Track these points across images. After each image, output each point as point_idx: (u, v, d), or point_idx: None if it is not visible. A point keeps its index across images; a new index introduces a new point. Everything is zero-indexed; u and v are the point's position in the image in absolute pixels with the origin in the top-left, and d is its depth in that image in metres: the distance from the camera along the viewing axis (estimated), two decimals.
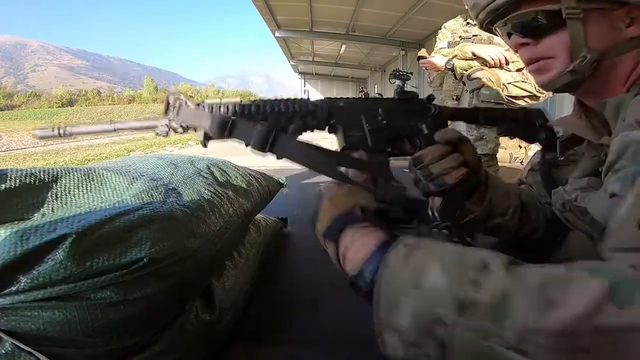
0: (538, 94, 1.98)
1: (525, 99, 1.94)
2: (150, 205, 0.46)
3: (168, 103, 0.53)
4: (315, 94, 13.48)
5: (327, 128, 0.63)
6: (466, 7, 2.10)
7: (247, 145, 0.52)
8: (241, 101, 0.58)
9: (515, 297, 0.28)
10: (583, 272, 0.28)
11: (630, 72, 0.54)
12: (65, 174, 0.51)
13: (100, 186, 0.52)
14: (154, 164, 0.65)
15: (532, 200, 0.76)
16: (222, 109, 0.56)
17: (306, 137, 0.65)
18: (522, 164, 2.15)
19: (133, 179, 0.54)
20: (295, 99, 0.62)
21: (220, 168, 0.74)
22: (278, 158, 0.51)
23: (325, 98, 0.64)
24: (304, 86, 13.11)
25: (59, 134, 0.46)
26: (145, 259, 0.38)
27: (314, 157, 0.53)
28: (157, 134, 0.52)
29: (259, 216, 0.89)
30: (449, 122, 0.69)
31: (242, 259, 0.67)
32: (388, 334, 0.33)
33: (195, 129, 0.52)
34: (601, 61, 0.54)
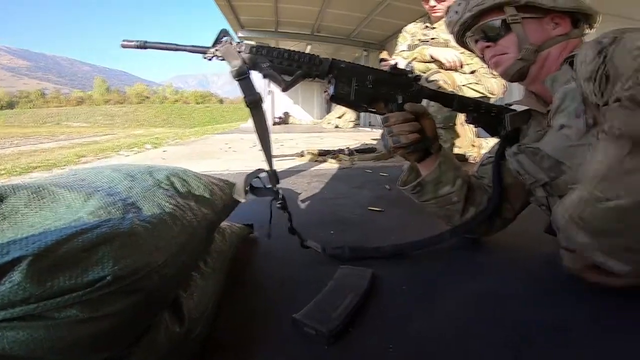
0: (489, 95, 2.12)
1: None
2: (109, 222, 0.45)
3: (218, 38, 0.74)
4: (280, 95, 13.33)
5: (325, 79, 0.81)
6: (427, 10, 2.20)
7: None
8: (268, 45, 0.80)
9: None
10: None
11: (557, 58, 0.74)
12: (12, 192, 0.48)
13: (53, 204, 0.50)
14: (110, 177, 0.63)
15: (479, 185, 0.90)
16: (253, 50, 0.76)
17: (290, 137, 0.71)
18: (474, 162, 2.29)
19: (88, 195, 0.53)
20: (309, 53, 0.80)
21: (181, 178, 0.73)
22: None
23: (332, 58, 0.81)
24: (268, 87, 12.95)
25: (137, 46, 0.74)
26: (108, 277, 0.37)
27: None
28: (204, 57, 0.76)
29: (224, 224, 0.89)
30: (426, 102, 0.86)
31: (209, 269, 0.67)
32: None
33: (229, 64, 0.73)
34: (539, 51, 0.75)
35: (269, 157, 0.78)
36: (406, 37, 2.35)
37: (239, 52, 0.75)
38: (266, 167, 0.81)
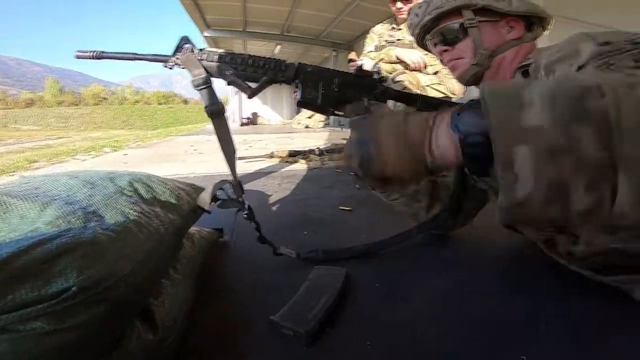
0: (451, 95, 2.21)
1: None
2: (70, 232, 0.43)
3: (179, 46, 0.73)
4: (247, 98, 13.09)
5: (292, 84, 0.80)
6: (393, 12, 2.25)
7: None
8: (232, 52, 0.77)
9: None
10: None
11: (511, 64, 0.76)
12: None
13: (5, 215, 0.47)
14: (67, 184, 0.60)
15: (443, 181, 0.94)
16: (216, 57, 0.74)
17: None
18: None
19: (44, 204, 0.50)
20: (274, 58, 0.78)
21: (145, 184, 0.71)
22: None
23: (298, 62, 0.81)
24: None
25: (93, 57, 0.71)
26: (73, 288, 0.36)
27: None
28: (165, 66, 0.74)
29: (192, 229, 0.87)
30: (392, 103, 0.88)
31: (178, 275, 0.65)
32: (517, 152, 0.28)
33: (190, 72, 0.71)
34: (493, 56, 0.76)
35: (232, 167, 0.77)
36: (373, 38, 2.40)
37: (201, 60, 0.74)
38: (230, 177, 0.79)
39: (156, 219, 0.61)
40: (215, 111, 0.73)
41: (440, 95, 2.15)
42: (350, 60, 2.45)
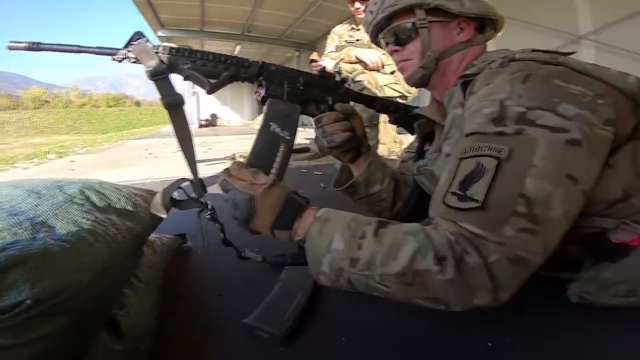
0: (407, 94, 2.31)
1: (397, 99, 2.24)
2: (18, 244, 0.41)
3: (131, 40, 0.69)
4: (206, 96, 12.72)
5: (255, 82, 0.78)
6: (352, 12, 2.29)
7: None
8: (191, 48, 0.74)
9: (376, 257, 0.46)
10: (408, 235, 0.47)
11: (457, 69, 0.75)
12: None
13: None
14: (9, 195, 0.55)
15: (404, 180, 0.97)
16: (173, 51, 0.71)
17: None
18: (398, 157, 2.48)
19: None
20: (237, 56, 0.76)
21: (98, 191, 0.67)
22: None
23: (262, 61, 0.79)
24: (193, 87, 12.20)
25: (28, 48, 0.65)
26: (27, 301, 0.34)
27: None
28: (113, 59, 0.70)
29: (152, 236, 0.83)
30: (352, 104, 0.89)
31: (141, 284, 0.63)
32: (319, 277, 0.52)
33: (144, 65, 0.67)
34: (440, 60, 0.75)
35: (192, 164, 0.71)
36: (334, 39, 2.44)
37: (157, 52, 0.70)
38: (190, 176, 0.73)
39: (112, 228, 0.58)
40: (173, 102, 0.69)
41: (397, 94, 2.24)
42: (312, 61, 2.47)
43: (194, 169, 0.71)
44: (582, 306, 0.60)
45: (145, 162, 3.06)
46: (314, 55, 2.52)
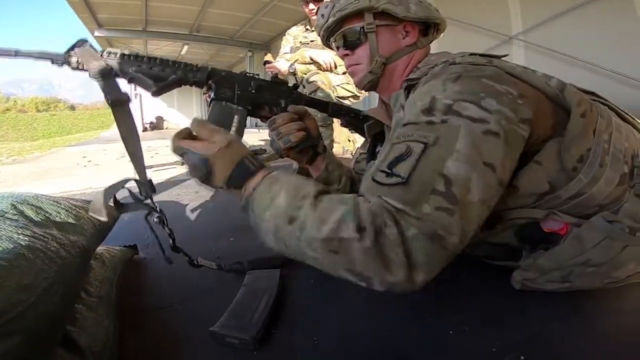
0: (358, 94, 2.38)
1: (350, 99, 2.30)
2: None
3: (74, 45, 0.68)
4: (151, 98, 12.01)
5: (204, 87, 0.77)
6: (306, 14, 2.29)
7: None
8: (138, 53, 0.72)
9: (308, 220, 0.46)
10: (340, 204, 0.47)
11: (403, 72, 0.77)
12: None
13: None
14: None
15: (359, 178, 1.01)
16: (119, 56, 0.70)
17: None
18: (352, 155, 2.55)
19: None
20: (185, 62, 0.75)
21: (32, 205, 0.62)
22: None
23: (210, 67, 0.78)
24: (135, 89, 11.42)
25: None
26: None
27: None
28: (54, 63, 0.68)
29: (100, 249, 0.78)
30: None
31: (93, 298, 0.60)
32: (260, 231, 0.52)
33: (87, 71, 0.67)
34: (387, 64, 0.77)
35: (139, 164, 0.68)
36: (289, 40, 2.43)
37: (102, 57, 0.69)
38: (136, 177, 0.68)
39: (54, 242, 0.54)
40: (118, 100, 0.66)
41: (350, 94, 2.29)
42: (266, 62, 2.45)
43: (141, 169, 0.67)
44: (526, 292, 0.66)
45: (84, 170, 2.82)
46: (268, 57, 2.50)
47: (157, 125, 9.55)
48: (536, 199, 0.62)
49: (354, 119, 0.98)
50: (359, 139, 2.63)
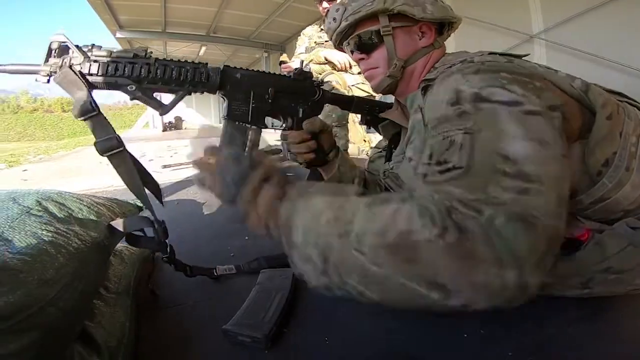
0: (374, 94, 2.35)
1: None
2: None
3: (51, 49, 0.58)
4: (170, 99, 12.22)
5: (218, 94, 0.70)
6: (321, 13, 2.28)
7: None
8: (131, 55, 0.62)
9: (367, 228, 0.38)
10: (400, 202, 0.40)
11: (421, 73, 0.75)
12: None
13: None
14: None
15: (373, 179, 0.99)
16: (108, 67, 0.59)
17: None
18: (367, 155, 2.53)
19: None
20: (192, 63, 0.66)
21: (57, 202, 0.64)
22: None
23: (224, 66, 0.70)
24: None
25: None
26: None
27: None
28: (38, 80, 0.58)
29: (120, 246, 0.80)
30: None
31: (112, 294, 0.61)
32: (297, 263, 0.43)
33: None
34: (405, 67, 0.75)
35: (150, 208, 0.66)
36: (304, 40, 2.44)
37: (86, 74, 0.59)
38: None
39: (76, 239, 0.56)
40: (109, 147, 0.60)
41: (365, 94, 2.28)
42: (282, 62, 2.46)
43: (152, 212, 0.67)
44: (546, 298, 0.63)
45: (108, 169, 2.90)
46: (284, 57, 2.51)
47: (175, 125, 9.75)
48: None
49: (374, 118, 0.93)
50: (375, 140, 2.62)
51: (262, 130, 0.76)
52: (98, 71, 0.59)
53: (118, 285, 0.65)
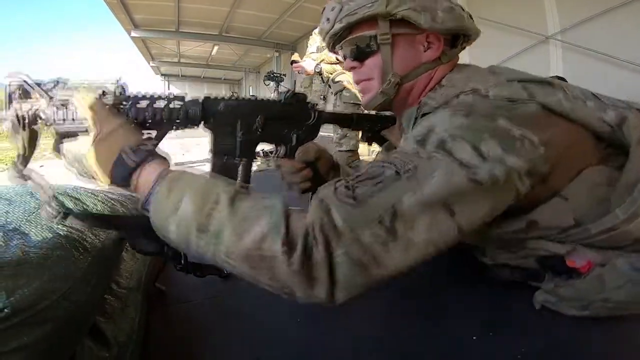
0: None
1: None
2: None
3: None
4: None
5: (201, 127, 0.64)
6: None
7: None
8: (102, 93, 0.53)
9: (225, 229, 0.42)
10: (264, 211, 0.43)
11: (422, 91, 0.66)
12: None
13: None
14: None
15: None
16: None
17: None
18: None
19: None
20: (166, 98, 0.59)
21: (72, 196, 0.65)
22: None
23: (205, 97, 0.63)
24: (168, 89, 11.89)
25: None
26: (5, 310, 0.33)
27: None
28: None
29: None
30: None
31: (123, 290, 0.62)
32: (166, 239, 0.46)
33: None
34: (402, 84, 0.65)
35: None
36: (315, 39, 2.44)
37: (49, 124, 0.53)
38: None
39: (89, 233, 0.57)
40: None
41: None
42: (293, 62, 2.47)
43: None
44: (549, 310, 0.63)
45: None
46: (295, 57, 2.52)
47: None
48: (558, 231, 0.57)
49: (375, 134, 0.87)
50: None
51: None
52: (64, 118, 0.53)
53: (129, 281, 0.66)
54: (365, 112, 0.90)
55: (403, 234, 0.43)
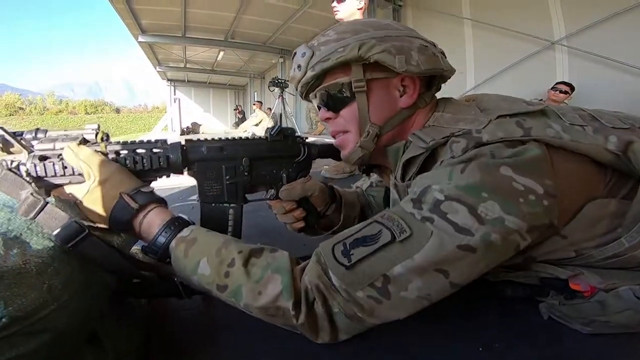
0: None
1: None
2: None
3: None
4: (188, 103, 12.54)
5: (185, 173, 0.64)
6: (334, 16, 2.26)
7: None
8: (82, 141, 0.56)
9: (242, 289, 0.50)
10: (276, 274, 0.51)
11: (403, 138, 0.62)
12: None
13: None
14: None
15: (369, 203, 0.91)
16: (56, 167, 0.53)
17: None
18: None
19: None
20: (147, 143, 0.59)
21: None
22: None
23: (186, 140, 0.62)
24: (174, 94, 11.96)
25: None
26: (4, 319, 0.34)
27: None
28: None
29: (134, 249, 0.81)
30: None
31: (121, 298, 0.62)
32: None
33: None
34: (380, 135, 0.62)
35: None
36: None
37: (30, 175, 0.52)
38: None
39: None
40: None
41: None
42: None
43: None
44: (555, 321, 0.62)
45: None
46: None
47: (193, 129, 9.99)
48: (561, 259, 0.57)
49: (370, 167, 0.80)
50: None
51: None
52: (45, 171, 0.53)
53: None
54: None
55: (396, 294, 0.47)
